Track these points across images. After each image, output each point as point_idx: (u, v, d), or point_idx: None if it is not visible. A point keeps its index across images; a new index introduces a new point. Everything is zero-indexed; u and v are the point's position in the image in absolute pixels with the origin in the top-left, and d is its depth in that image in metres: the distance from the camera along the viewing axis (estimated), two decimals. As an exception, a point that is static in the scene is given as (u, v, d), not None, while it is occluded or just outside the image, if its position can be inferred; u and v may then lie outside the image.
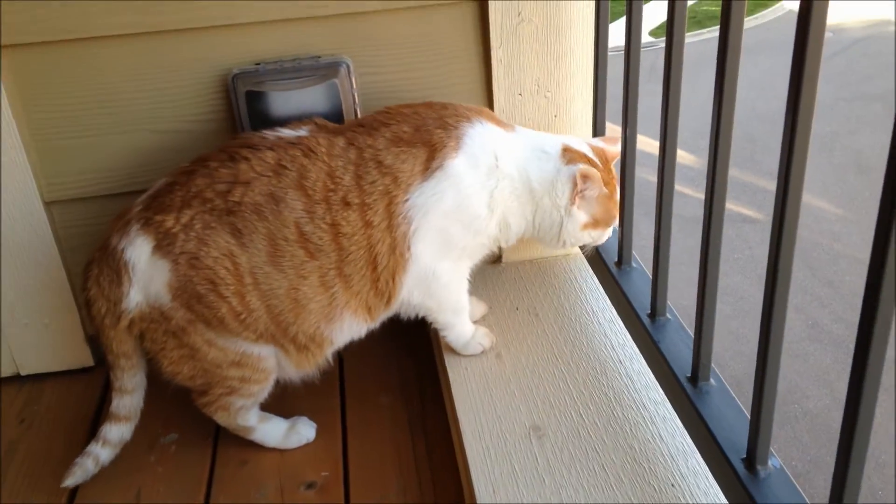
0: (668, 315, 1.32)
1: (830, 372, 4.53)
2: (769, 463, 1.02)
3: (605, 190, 1.38)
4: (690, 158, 6.23)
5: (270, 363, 1.35)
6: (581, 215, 1.39)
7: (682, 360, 1.22)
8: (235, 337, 1.29)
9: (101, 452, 1.38)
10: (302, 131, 1.32)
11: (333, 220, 1.26)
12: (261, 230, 1.25)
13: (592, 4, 1.49)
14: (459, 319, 1.43)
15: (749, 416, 1.03)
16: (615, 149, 1.44)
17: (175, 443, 1.49)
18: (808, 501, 0.97)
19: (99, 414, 1.57)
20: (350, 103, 1.50)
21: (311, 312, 1.29)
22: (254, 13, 1.45)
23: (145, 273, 1.26)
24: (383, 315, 1.38)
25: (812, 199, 6.13)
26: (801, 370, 4.55)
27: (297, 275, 1.26)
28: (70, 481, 1.35)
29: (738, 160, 6.52)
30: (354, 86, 1.50)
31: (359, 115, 1.52)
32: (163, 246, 1.25)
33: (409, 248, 1.30)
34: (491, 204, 1.34)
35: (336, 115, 1.49)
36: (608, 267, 1.47)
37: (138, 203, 1.31)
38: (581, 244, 1.46)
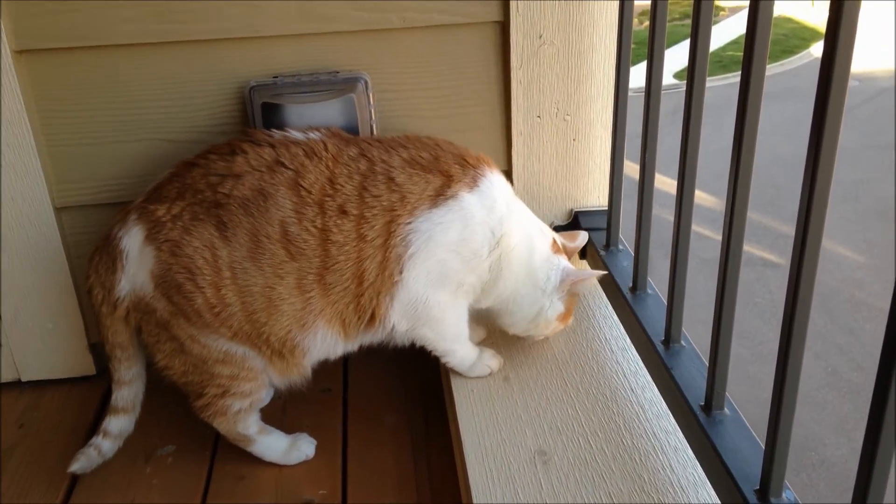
0: (683, 342, 1.28)
1: (849, 420, 4.44)
2: (783, 495, 0.98)
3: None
4: (712, 200, 6.19)
5: (257, 363, 1.32)
6: (560, 305, 1.39)
7: (695, 388, 1.18)
8: (214, 333, 1.27)
9: (102, 444, 1.38)
10: (313, 134, 1.31)
11: (325, 225, 1.24)
12: (245, 225, 1.23)
13: (615, 27, 1.47)
14: (459, 345, 1.40)
15: (763, 447, 0.99)
16: (573, 245, 1.48)
17: (172, 454, 1.46)
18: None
19: (97, 422, 1.54)
20: (367, 119, 1.49)
21: (284, 314, 1.27)
22: (274, 27, 1.45)
23: (135, 261, 1.27)
24: (361, 336, 1.34)
25: (834, 246, 6.07)
26: (820, 418, 4.46)
27: (273, 274, 1.24)
28: (75, 466, 1.36)
29: (761, 205, 6.48)
30: (372, 102, 1.49)
31: (375, 132, 1.51)
32: (152, 234, 1.25)
33: (400, 272, 1.27)
34: (492, 249, 1.32)
35: (352, 131, 1.48)
36: (622, 292, 1.43)
37: (141, 194, 1.32)
38: (544, 333, 1.45)
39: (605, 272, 1.45)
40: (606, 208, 1.58)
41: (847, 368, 4.82)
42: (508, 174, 1.61)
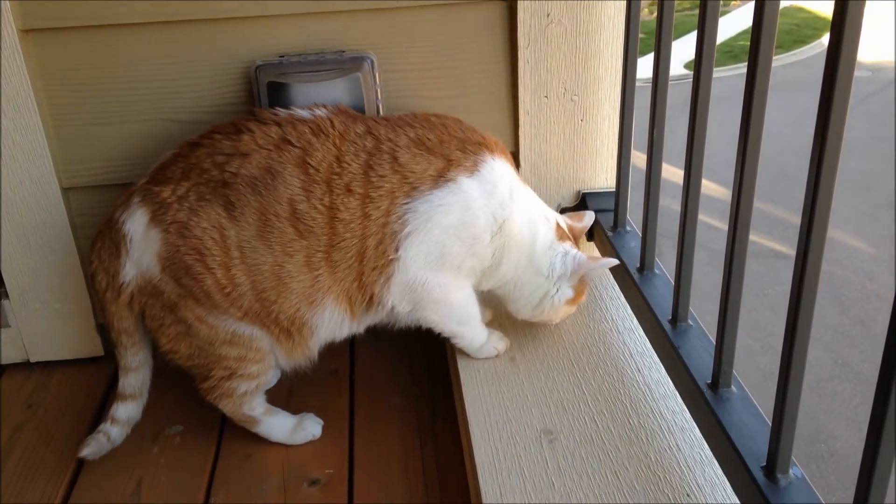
0: (690, 321, 1.27)
1: (859, 412, 4.41)
2: (790, 472, 0.97)
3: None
4: (722, 191, 6.16)
5: (264, 343, 1.32)
6: (569, 291, 1.38)
7: (702, 366, 1.17)
8: (223, 314, 1.27)
9: (111, 430, 1.38)
10: (319, 112, 1.30)
11: (332, 203, 1.23)
12: (253, 204, 1.23)
13: (623, 6, 1.46)
14: (468, 328, 1.39)
15: (770, 425, 0.98)
16: (580, 225, 1.47)
17: (179, 434, 1.47)
18: (830, 513, 0.92)
19: (105, 403, 1.55)
20: (372, 99, 1.49)
21: (293, 292, 1.26)
22: (280, 6, 1.45)
23: (140, 245, 1.26)
24: (366, 317, 1.34)
25: (845, 238, 6.02)
26: (829, 410, 4.43)
27: (283, 252, 1.24)
28: (85, 452, 1.36)
29: (772, 196, 6.43)
30: (378, 81, 1.49)
31: (381, 112, 1.50)
32: (157, 216, 1.25)
33: (396, 251, 1.26)
34: (494, 234, 1.31)
35: (358, 110, 1.46)
36: (630, 272, 1.42)
37: (143, 176, 1.31)
38: (552, 319, 1.43)
39: (618, 262, 1.43)
40: (614, 189, 1.57)
41: (857, 360, 4.78)
42: (515, 155, 1.60)
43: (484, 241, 1.30)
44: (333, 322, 1.32)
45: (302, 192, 1.23)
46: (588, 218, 1.49)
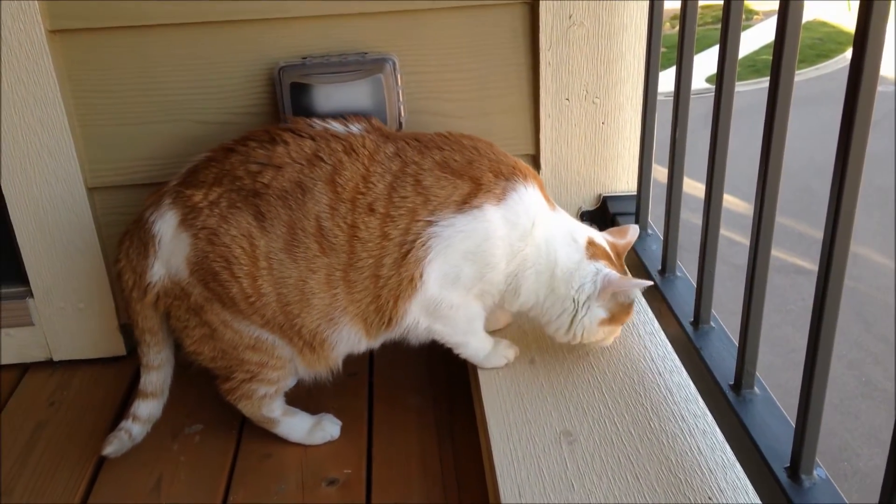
0: (713, 323, 1.26)
1: (882, 430, 4.34)
2: (814, 473, 0.96)
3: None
4: (743, 206, 6.11)
5: (286, 352, 1.32)
6: (600, 311, 1.32)
7: (724, 367, 1.16)
8: (247, 320, 1.28)
9: (132, 427, 1.39)
10: (354, 128, 1.30)
11: (354, 221, 1.23)
12: (283, 217, 1.23)
13: (645, 7, 1.46)
14: (471, 338, 1.38)
15: (794, 425, 0.97)
16: (624, 241, 1.39)
17: (199, 433, 1.47)
18: (855, 514, 0.90)
19: (126, 402, 1.56)
20: (394, 100, 1.49)
21: (315, 308, 1.27)
22: (303, 8, 1.46)
23: (169, 246, 1.27)
24: (383, 335, 1.33)
25: (870, 253, 5.95)
26: (853, 428, 4.37)
27: (307, 267, 1.24)
28: (108, 450, 1.36)
29: (795, 211, 6.38)
30: (399, 83, 1.49)
31: (403, 113, 1.51)
32: (187, 220, 1.25)
33: (421, 276, 1.25)
34: (510, 262, 1.29)
35: (380, 112, 1.48)
36: (651, 275, 1.42)
37: (175, 177, 1.32)
38: (593, 340, 1.36)
39: (651, 283, 1.35)
40: (635, 193, 1.56)
41: (881, 378, 4.71)
42: (536, 158, 1.60)
43: (498, 269, 1.29)
44: (351, 340, 1.32)
45: (328, 209, 1.23)
46: (633, 232, 1.41)
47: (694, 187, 1.33)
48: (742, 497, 1.10)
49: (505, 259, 1.28)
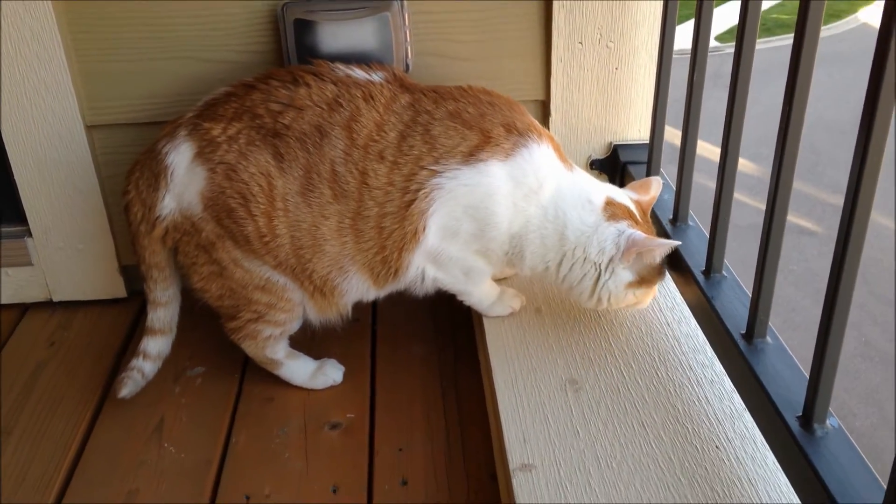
0: (725, 273, 1.24)
1: (880, 391, 4.36)
2: (827, 422, 0.94)
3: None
4: (750, 167, 6.06)
5: (296, 295, 1.31)
6: (626, 274, 1.27)
7: (737, 316, 1.13)
8: (259, 260, 1.26)
9: (143, 365, 1.38)
10: (375, 76, 1.27)
11: (364, 168, 1.21)
12: (300, 159, 1.22)
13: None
14: (474, 286, 1.36)
15: (808, 375, 0.95)
16: (648, 197, 1.35)
17: (201, 376, 1.46)
18: (868, 463, 0.89)
19: (127, 343, 1.55)
20: (401, 40, 1.45)
21: (326, 255, 1.25)
22: (310, -58, 1.41)
23: (182, 179, 1.24)
24: (391, 285, 1.32)
25: (875, 216, 5.92)
26: (851, 388, 4.39)
27: (320, 213, 1.23)
28: (125, 392, 1.35)
29: (801, 171, 6.30)
30: (407, 22, 1.45)
31: (410, 54, 1.47)
32: (204, 153, 1.22)
33: (423, 229, 1.23)
34: (512, 222, 1.26)
35: (386, 51, 1.44)
36: (662, 224, 1.39)
37: (192, 109, 1.29)
38: (624, 304, 1.32)
39: (679, 243, 1.27)
40: (647, 141, 1.53)
41: (881, 339, 4.72)
42: (546, 104, 1.56)
43: (500, 229, 1.26)
44: (360, 289, 1.31)
45: (343, 155, 1.22)
46: (655, 186, 1.36)
47: (703, 147, 1.29)
48: (750, 447, 1.09)
49: (507, 219, 1.25)
